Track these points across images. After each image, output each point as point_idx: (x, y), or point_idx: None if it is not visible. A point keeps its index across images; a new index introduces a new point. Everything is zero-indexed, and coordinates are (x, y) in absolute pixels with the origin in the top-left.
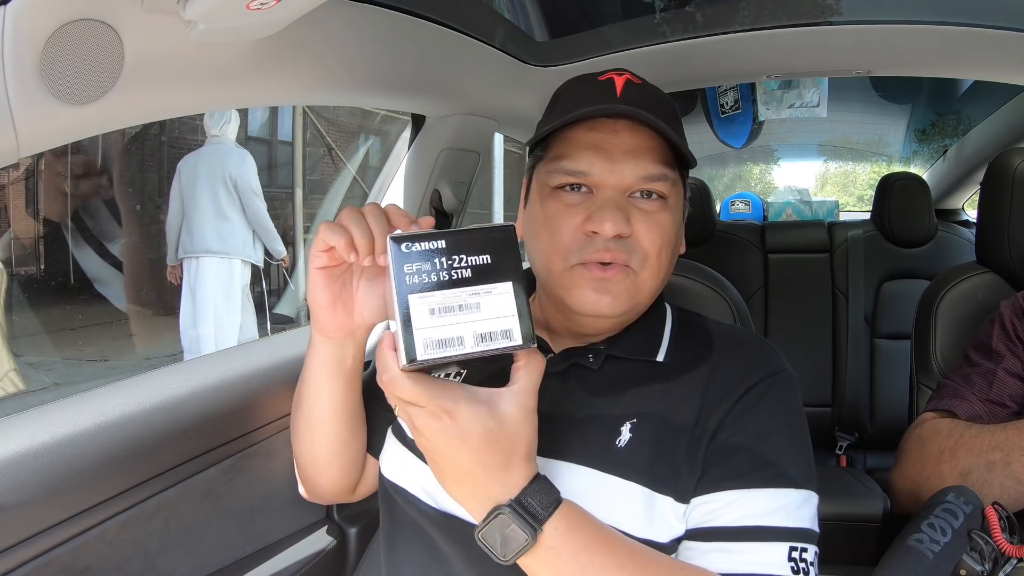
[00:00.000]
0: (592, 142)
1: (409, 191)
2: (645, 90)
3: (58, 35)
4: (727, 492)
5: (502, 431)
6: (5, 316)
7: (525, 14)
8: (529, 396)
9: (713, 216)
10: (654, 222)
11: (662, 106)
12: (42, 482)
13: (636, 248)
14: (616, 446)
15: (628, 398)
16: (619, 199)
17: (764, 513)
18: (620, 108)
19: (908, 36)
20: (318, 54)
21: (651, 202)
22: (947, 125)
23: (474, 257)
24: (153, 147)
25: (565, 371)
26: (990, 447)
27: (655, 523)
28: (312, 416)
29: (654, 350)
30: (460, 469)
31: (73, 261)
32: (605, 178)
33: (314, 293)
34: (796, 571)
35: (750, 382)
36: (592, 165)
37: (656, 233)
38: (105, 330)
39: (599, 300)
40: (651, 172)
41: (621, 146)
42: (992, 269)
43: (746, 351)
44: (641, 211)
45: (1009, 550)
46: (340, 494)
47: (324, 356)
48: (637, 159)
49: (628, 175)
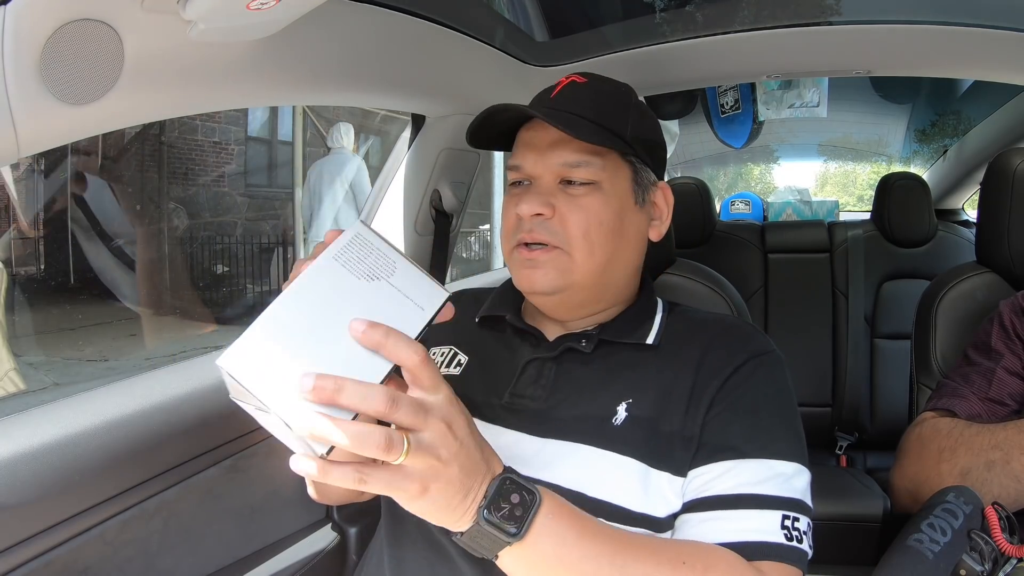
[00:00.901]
0: (526, 140)
1: (409, 191)
2: (587, 88)
3: (58, 35)
4: (721, 463)
5: (461, 445)
6: (5, 316)
7: (525, 14)
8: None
9: (713, 216)
10: (578, 205)
11: (595, 100)
12: (42, 482)
13: (558, 229)
14: (612, 424)
15: (622, 380)
16: (547, 186)
17: (757, 482)
18: (537, 109)
19: (908, 36)
20: (318, 54)
21: (577, 187)
22: (947, 125)
23: None
24: (153, 148)
25: (559, 355)
26: (990, 446)
27: (652, 498)
28: None
29: (644, 334)
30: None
31: (73, 261)
32: (535, 169)
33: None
34: (789, 538)
35: (739, 361)
36: (525, 159)
37: (580, 215)
38: (105, 330)
39: (531, 276)
40: (569, 160)
41: (547, 139)
42: (992, 269)
43: (735, 334)
44: (567, 195)
45: (1009, 550)
46: (348, 494)
47: None
48: (559, 149)
49: (551, 163)
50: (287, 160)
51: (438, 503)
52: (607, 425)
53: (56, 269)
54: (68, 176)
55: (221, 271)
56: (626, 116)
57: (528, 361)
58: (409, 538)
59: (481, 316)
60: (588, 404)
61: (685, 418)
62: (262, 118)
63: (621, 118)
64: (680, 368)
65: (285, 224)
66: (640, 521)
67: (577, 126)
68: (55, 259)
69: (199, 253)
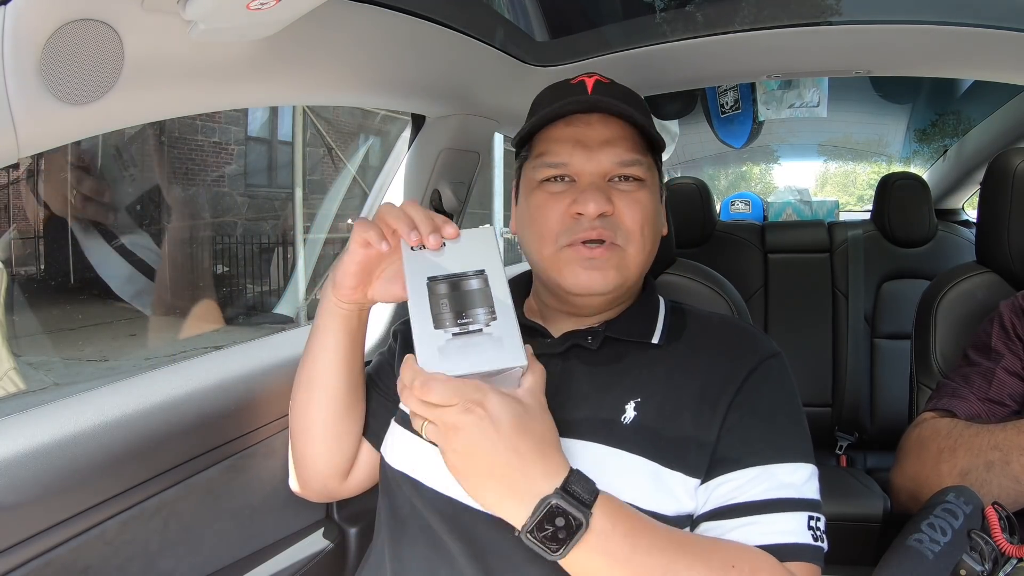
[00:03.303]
0: (570, 136)
1: (409, 191)
2: (613, 87)
3: (58, 35)
4: (748, 469)
5: (531, 416)
6: (5, 316)
7: (525, 14)
8: (540, 394)
9: (713, 216)
10: (633, 199)
11: (630, 99)
12: (42, 482)
13: (620, 225)
14: (622, 423)
15: (630, 379)
16: (600, 183)
17: (783, 486)
18: (592, 99)
19: (908, 36)
20: (318, 54)
21: (629, 183)
22: (947, 125)
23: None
24: (153, 148)
25: (565, 352)
26: (989, 447)
27: (661, 496)
28: (314, 372)
29: (649, 332)
30: (497, 464)
31: (73, 261)
32: (584, 166)
33: (344, 277)
34: (815, 539)
35: (751, 364)
36: (571, 156)
37: (636, 209)
38: (105, 330)
39: (590, 277)
40: (625, 158)
41: (597, 137)
42: (992, 269)
43: (740, 336)
44: (621, 192)
45: (1009, 550)
46: (330, 480)
47: (334, 314)
48: (612, 147)
49: (605, 162)
50: (287, 160)
51: (484, 486)
52: (617, 424)
53: (56, 269)
54: (69, 176)
55: (221, 271)
56: (649, 118)
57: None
58: (410, 538)
59: None
60: (596, 402)
61: (698, 422)
62: (262, 118)
63: (648, 119)
64: (687, 369)
65: (285, 224)
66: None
67: (639, 122)
68: (55, 259)
69: (199, 253)
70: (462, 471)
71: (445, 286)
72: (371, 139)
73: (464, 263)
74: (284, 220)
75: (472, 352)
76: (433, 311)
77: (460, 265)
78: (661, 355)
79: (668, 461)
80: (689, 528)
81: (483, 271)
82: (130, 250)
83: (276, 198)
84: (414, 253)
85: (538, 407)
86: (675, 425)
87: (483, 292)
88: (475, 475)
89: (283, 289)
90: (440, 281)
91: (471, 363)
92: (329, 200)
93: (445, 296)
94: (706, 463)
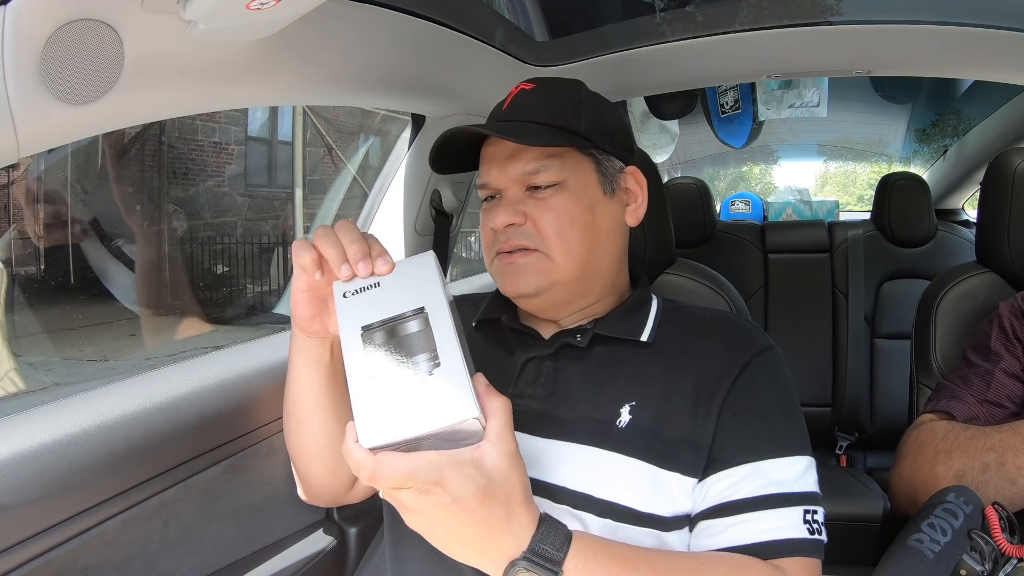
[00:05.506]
0: (488, 154)
1: (409, 191)
2: (535, 93)
3: (58, 35)
4: (741, 467)
5: (494, 485)
6: (5, 316)
7: (525, 14)
8: (508, 440)
9: (713, 216)
10: (546, 206)
11: (544, 103)
12: (42, 482)
13: (533, 233)
14: (617, 426)
15: (623, 380)
16: (515, 196)
17: (777, 481)
18: (491, 125)
19: (908, 36)
20: (318, 54)
21: (543, 191)
22: (947, 125)
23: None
24: (153, 148)
25: (556, 352)
26: (984, 448)
27: (659, 498)
28: (299, 407)
29: (638, 330)
30: (464, 535)
31: (73, 261)
32: (500, 182)
33: (296, 306)
34: (812, 532)
35: (743, 360)
36: (489, 174)
37: (550, 216)
38: (105, 330)
39: (514, 283)
40: (528, 168)
41: (503, 152)
42: (992, 269)
43: (732, 331)
44: (536, 200)
45: (1009, 550)
46: (336, 492)
47: (303, 349)
48: (515, 160)
49: (512, 173)
50: (287, 160)
51: (453, 549)
52: (611, 427)
53: (56, 269)
54: (68, 176)
55: (221, 271)
56: (578, 111)
57: (526, 360)
58: (411, 539)
59: (477, 320)
60: (590, 404)
61: (694, 421)
62: (262, 118)
63: (574, 114)
64: (679, 368)
65: (285, 224)
66: (646, 521)
67: (526, 133)
68: (55, 259)
69: (199, 253)
70: (429, 536)
71: (381, 334)
72: (371, 139)
73: (402, 301)
74: (284, 220)
75: (417, 409)
76: (370, 369)
77: (397, 304)
78: (652, 353)
79: (665, 462)
80: (688, 527)
81: (422, 308)
82: (130, 250)
83: (276, 198)
84: (346, 300)
85: (504, 460)
86: (671, 426)
87: (424, 334)
88: (442, 540)
89: (283, 289)
90: (375, 329)
91: (416, 425)
92: (329, 200)
93: (382, 346)
94: (703, 462)
